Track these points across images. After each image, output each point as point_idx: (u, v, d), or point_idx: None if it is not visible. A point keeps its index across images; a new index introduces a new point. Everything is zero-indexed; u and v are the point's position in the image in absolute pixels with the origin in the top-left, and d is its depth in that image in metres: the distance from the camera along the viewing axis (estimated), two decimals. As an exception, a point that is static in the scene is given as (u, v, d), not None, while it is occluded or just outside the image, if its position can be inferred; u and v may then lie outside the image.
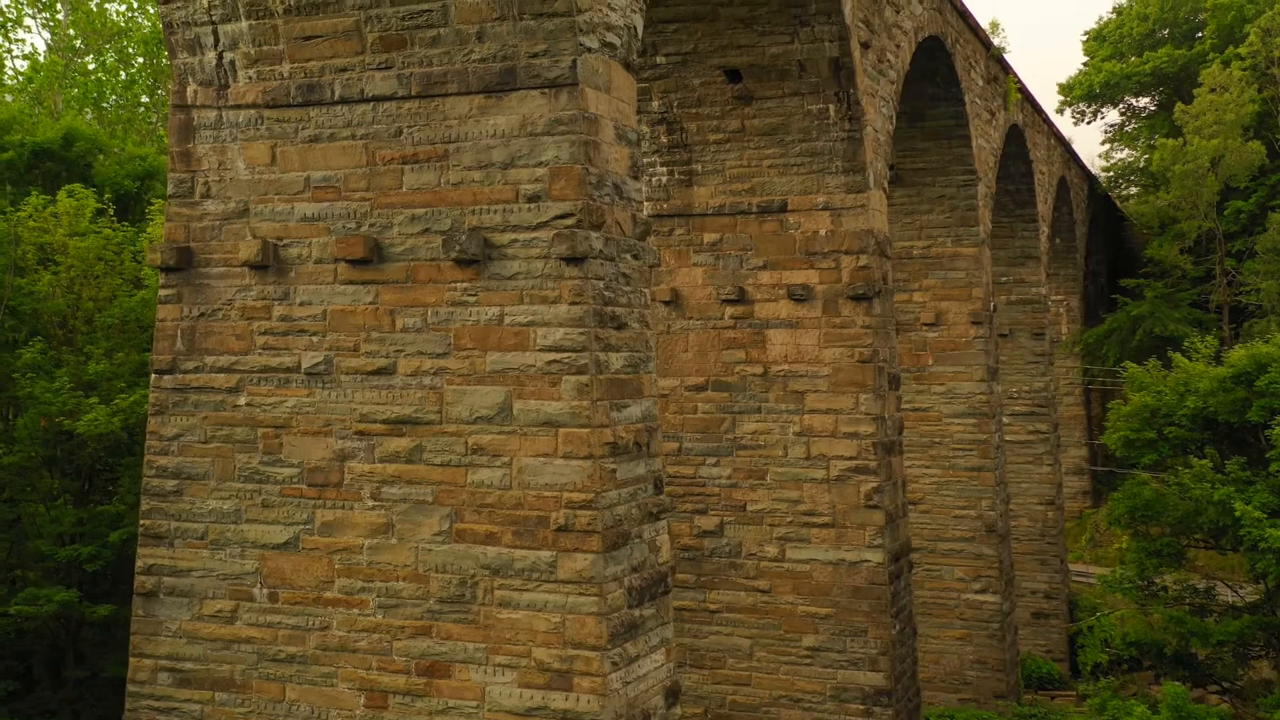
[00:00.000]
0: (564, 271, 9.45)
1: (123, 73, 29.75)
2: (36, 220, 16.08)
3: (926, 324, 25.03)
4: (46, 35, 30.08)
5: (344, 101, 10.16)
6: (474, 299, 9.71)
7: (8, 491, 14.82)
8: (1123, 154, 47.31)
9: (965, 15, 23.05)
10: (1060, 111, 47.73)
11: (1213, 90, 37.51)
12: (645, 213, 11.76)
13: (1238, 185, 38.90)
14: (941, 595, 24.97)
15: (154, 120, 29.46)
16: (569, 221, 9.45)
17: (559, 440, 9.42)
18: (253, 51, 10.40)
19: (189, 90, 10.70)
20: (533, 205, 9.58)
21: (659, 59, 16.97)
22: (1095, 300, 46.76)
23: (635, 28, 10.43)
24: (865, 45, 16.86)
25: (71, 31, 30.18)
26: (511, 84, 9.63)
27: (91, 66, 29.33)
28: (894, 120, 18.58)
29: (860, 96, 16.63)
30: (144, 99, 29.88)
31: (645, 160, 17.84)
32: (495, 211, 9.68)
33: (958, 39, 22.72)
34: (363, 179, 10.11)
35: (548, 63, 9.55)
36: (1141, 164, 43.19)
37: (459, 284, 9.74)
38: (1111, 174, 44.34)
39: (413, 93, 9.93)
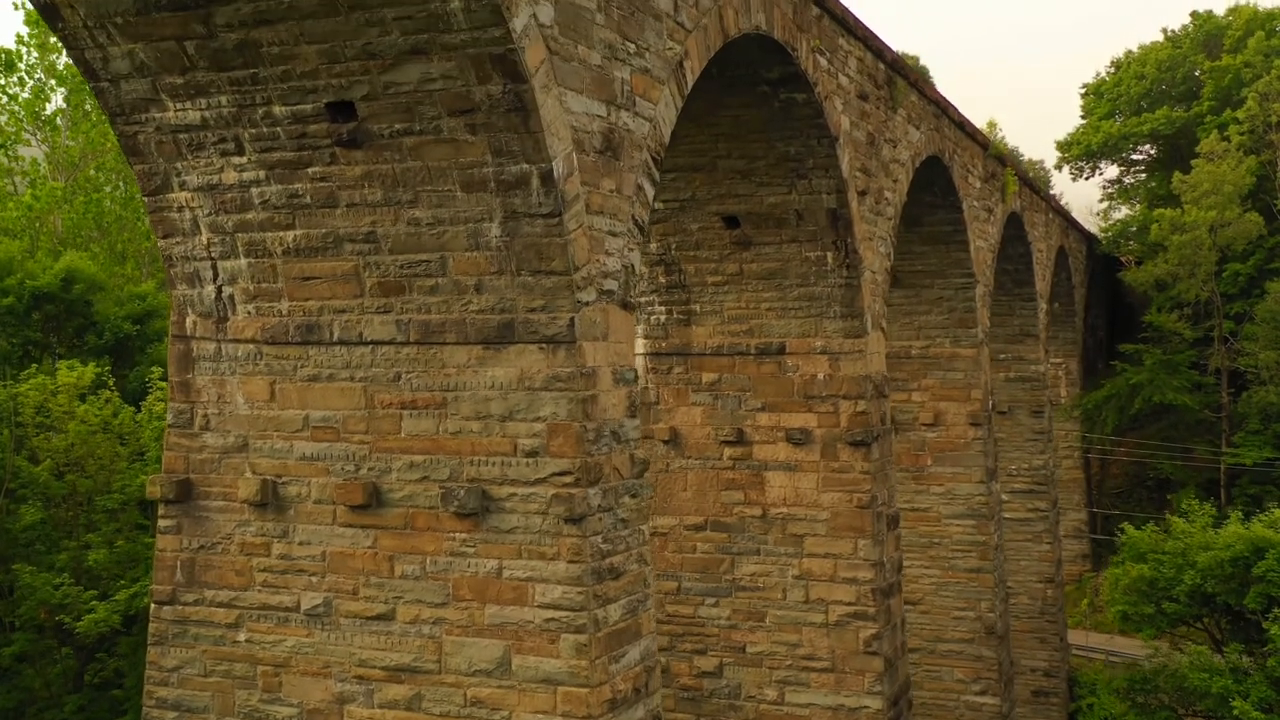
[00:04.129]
0: (562, 529, 9.48)
1: (123, 183, 29.65)
2: (37, 395, 16.15)
3: (925, 424, 25.06)
4: (46, 148, 30.13)
5: (343, 343, 10.20)
6: (473, 550, 9.74)
7: (6, 659, 14.84)
8: (1120, 213, 47.41)
9: (963, 125, 23.11)
10: (1059, 168, 47.83)
11: (1210, 159, 37.58)
12: (640, 448, 11.85)
13: (1235, 251, 39.00)
14: (941, 697, 24.97)
15: (154, 240, 29.36)
16: (567, 480, 9.48)
17: (558, 698, 9.45)
18: (252, 288, 10.44)
19: (188, 321, 10.74)
20: (531, 460, 9.61)
21: (658, 204, 17.01)
22: (1094, 353, 46.82)
23: (633, 265, 10.47)
24: (862, 193, 16.92)
25: (70, 143, 30.17)
26: (510, 338, 9.67)
27: (93, 171, 29.37)
28: (892, 256, 18.63)
29: (858, 244, 16.68)
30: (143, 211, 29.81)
31: (643, 299, 17.90)
32: (494, 464, 9.72)
33: (955, 149, 22.77)
34: (361, 422, 10.14)
35: (545, 319, 9.59)
36: (1139, 224, 43.27)
37: (458, 534, 9.78)
38: (1110, 234, 44.45)
39: (411, 339, 9.97)
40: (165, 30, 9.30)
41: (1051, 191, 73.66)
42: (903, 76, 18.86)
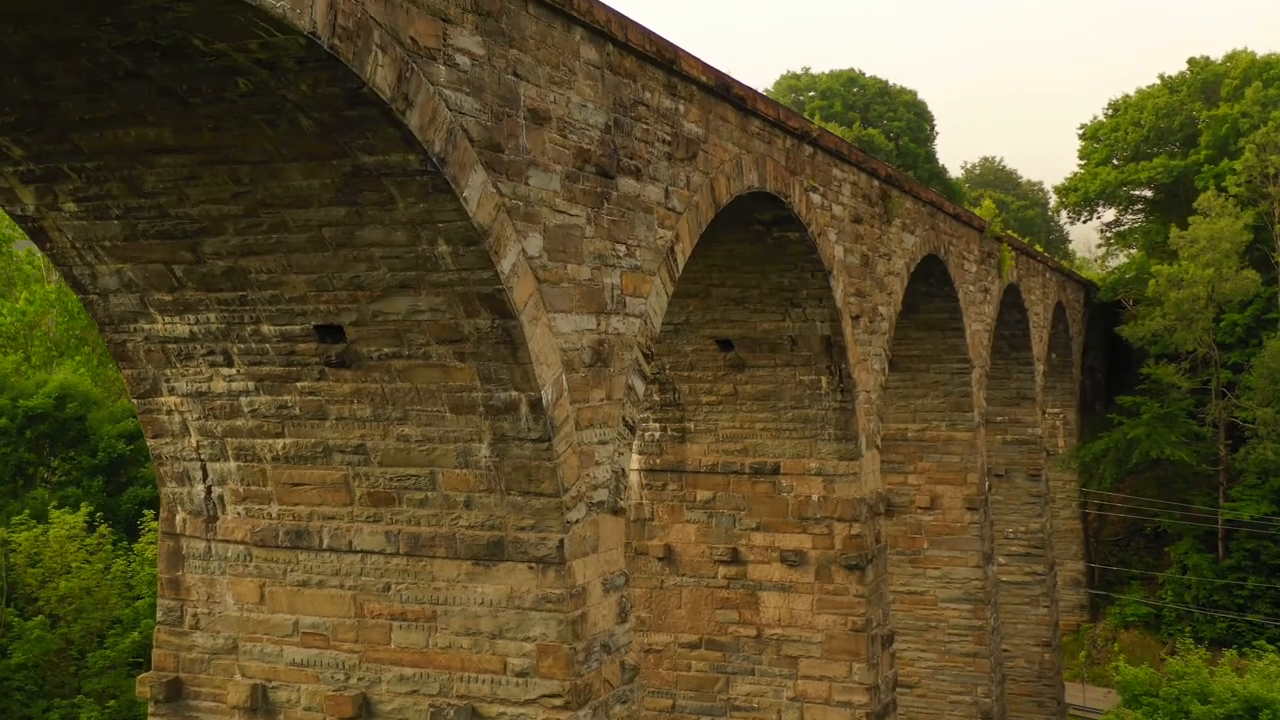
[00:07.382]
0: (553, 753, 9.45)
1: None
2: (30, 545, 16.14)
3: (921, 507, 25.02)
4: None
5: (333, 550, 10.17)
6: (463, 768, 9.70)
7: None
8: (1119, 259, 47.34)
9: (958, 215, 23.08)
10: (1057, 212, 47.77)
11: (1207, 215, 37.59)
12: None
13: (1233, 304, 38.98)
14: (937, 782, 24.92)
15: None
16: (557, 703, 9.46)
17: None
18: (241, 490, 10.41)
19: (178, 518, 10.71)
20: (521, 680, 9.59)
21: (651, 326, 16.97)
22: (1092, 396, 46.74)
23: (622, 469, 10.45)
24: (856, 317, 16.89)
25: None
26: (499, 556, 9.65)
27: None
28: (886, 370, 18.60)
29: (852, 369, 16.65)
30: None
31: (638, 415, 17.83)
32: (484, 681, 9.69)
33: (951, 240, 22.73)
34: (351, 630, 10.12)
35: (535, 538, 9.56)
36: (1136, 270, 43.21)
37: (448, 751, 9.74)
38: (1109, 282, 44.42)
39: (401, 551, 9.94)
40: (153, 254, 9.29)
41: (1049, 212, 73.66)
42: (897, 187, 18.83)
